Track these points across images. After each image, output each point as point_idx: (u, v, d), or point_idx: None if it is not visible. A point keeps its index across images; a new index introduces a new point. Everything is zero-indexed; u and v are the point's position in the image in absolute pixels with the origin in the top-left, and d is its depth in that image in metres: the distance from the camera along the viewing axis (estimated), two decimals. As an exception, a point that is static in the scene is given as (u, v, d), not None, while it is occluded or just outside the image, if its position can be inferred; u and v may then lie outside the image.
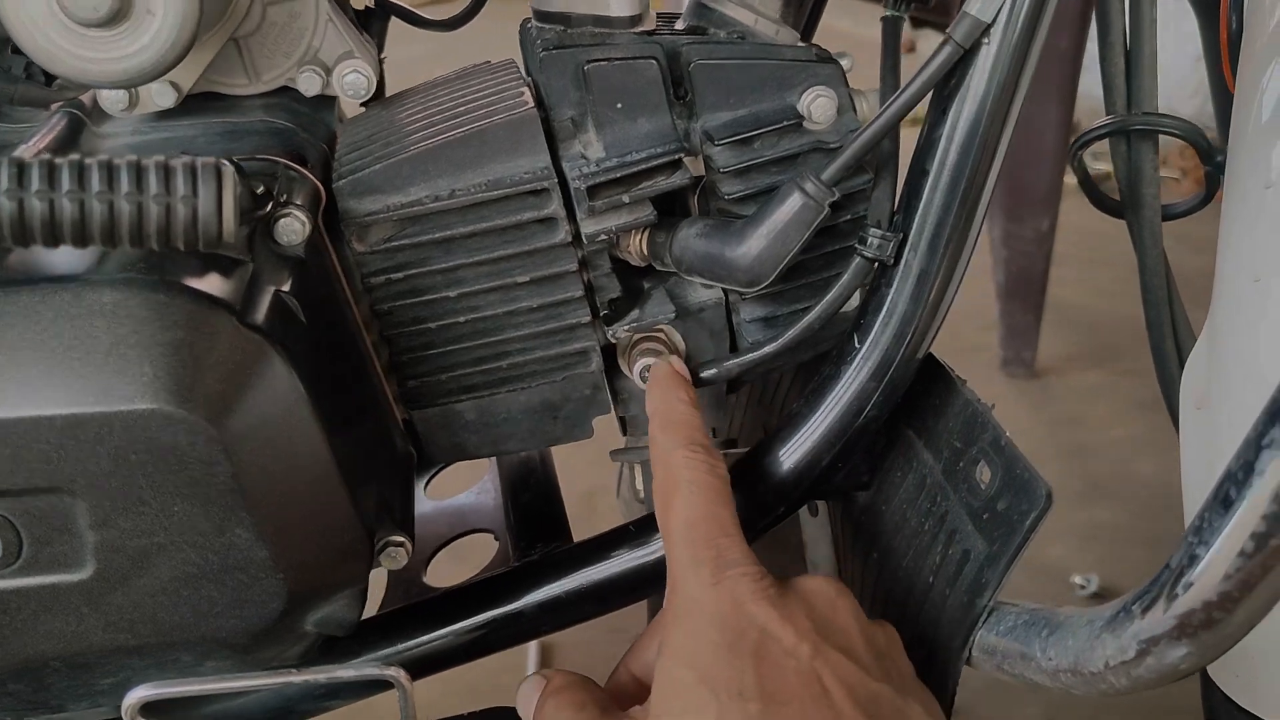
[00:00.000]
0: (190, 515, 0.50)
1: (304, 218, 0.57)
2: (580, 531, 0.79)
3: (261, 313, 0.52)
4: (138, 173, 0.43)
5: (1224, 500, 0.42)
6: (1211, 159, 0.77)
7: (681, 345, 0.69)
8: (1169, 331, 0.82)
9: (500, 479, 0.82)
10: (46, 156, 0.43)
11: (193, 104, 0.68)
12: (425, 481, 0.87)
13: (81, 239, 0.43)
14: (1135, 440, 2.02)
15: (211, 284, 0.51)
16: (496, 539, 0.79)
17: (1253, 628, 0.43)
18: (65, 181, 0.42)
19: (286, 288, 0.55)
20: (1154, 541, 1.75)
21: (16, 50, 0.76)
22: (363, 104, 0.70)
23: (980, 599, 0.55)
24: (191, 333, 0.49)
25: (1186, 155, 2.91)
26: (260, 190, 0.56)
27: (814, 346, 0.68)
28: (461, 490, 0.87)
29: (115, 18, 0.52)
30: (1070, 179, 2.46)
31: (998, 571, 0.55)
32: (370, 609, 0.71)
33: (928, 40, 3.24)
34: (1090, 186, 0.82)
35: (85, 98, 0.67)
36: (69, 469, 0.49)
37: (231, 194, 0.45)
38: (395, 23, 0.82)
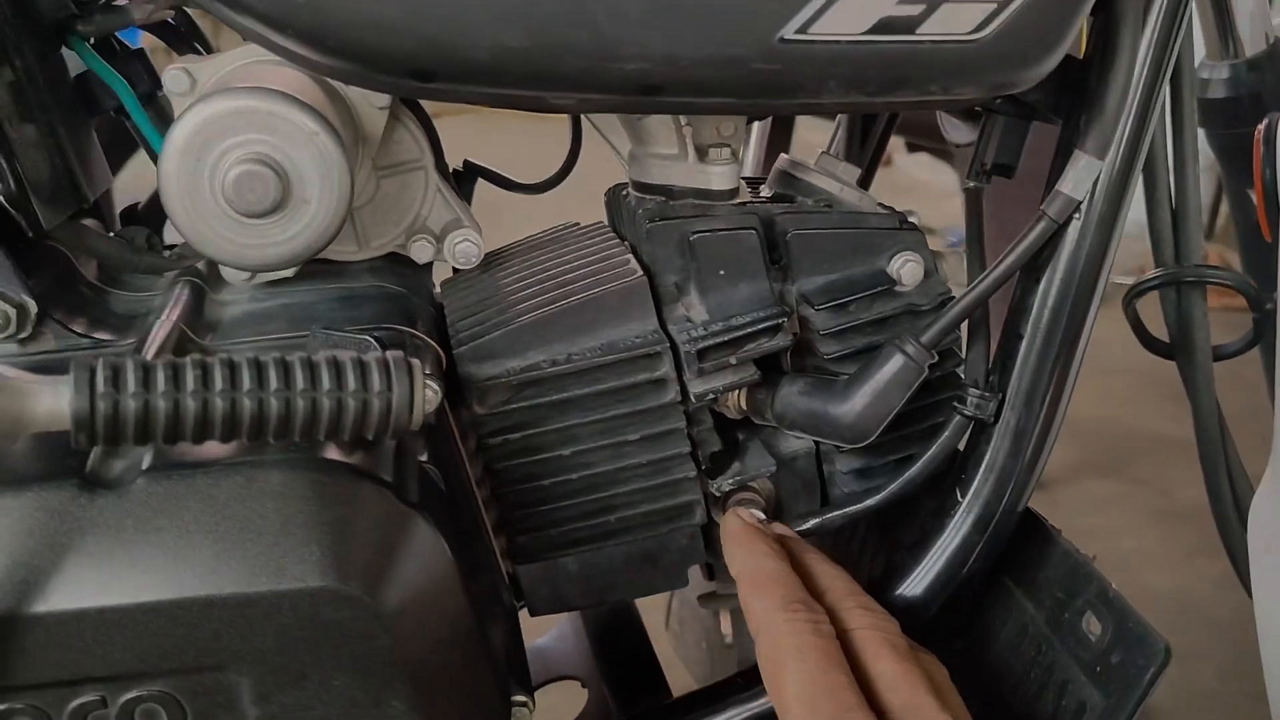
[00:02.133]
0: (349, 689, 0.52)
1: (436, 386, 0.59)
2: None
3: (413, 486, 0.54)
4: (336, 369, 0.46)
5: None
6: (1260, 306, 0.82)
7: (773, 494, 0.71)
8: (1224, 473, 0.85)
9: (584, 625, 0.84)
10: (231, 358, 0.45)
11: (304, 268, 0.70)
12: (502, 625, 0.88)
13: (284, 433, 0.46)
14: (1148, 552, 2.05)
15: (367, 461, 0.53)
16: (584, 686, 0.80)
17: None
18: (273, 380, 0.44)
19: (424, 457, 0.58)
20: (1177, 656, 1.76)
21: (134, 219, 0.79)
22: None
23: (1102, 750, 0.57)
24: (353, 510, 0.51)
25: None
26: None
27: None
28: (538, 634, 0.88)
29: (275, 208, 0.55)
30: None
31: (1120, 723, 0.56)
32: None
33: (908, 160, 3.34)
34: (1143, 332, 0.86)
35: (201, 264, 0.70)
36: (236, 647, 0.50)
37: (421, 385, 0.48)
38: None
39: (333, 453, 0.52)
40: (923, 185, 3.77)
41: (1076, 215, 0.61)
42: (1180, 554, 1.99)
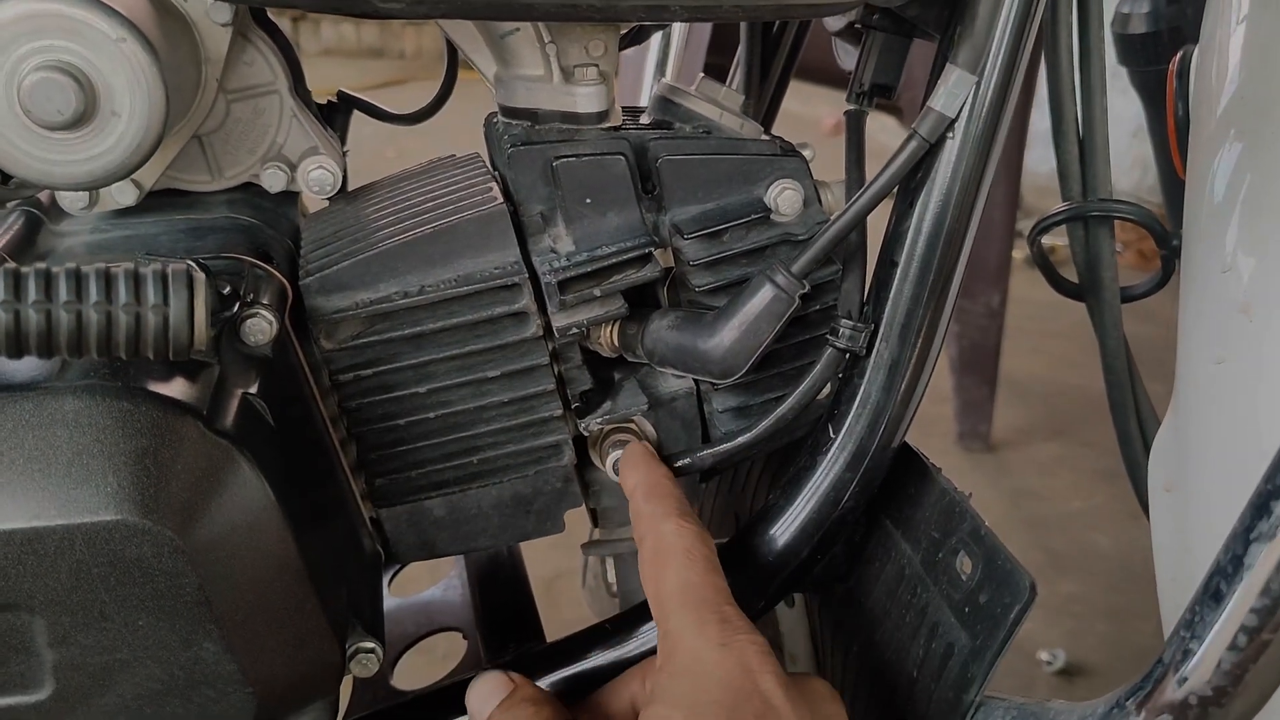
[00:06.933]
0: (155, 629, 0.48)
1: (271, 317, 0.56)
2: (543, 620, 0.77)
3: (229, 417, 0.51)
4: (106, 281, 0.42)
5: (1214, 594, 0.41)
6: (1167, 243, 0.79)
7: (653, 435, 0.68)
8: (1132, 412, 0.83)
9: (468, 574, 0.81)
10: (10, 266, 0.42)
11: (154, 201, 0.67)
12: (389, 578, 0.85)
13: (48, 349, 0.42)
14: (1094, 512, 2.04)
15: (177, 389, 0.50)
16: (465, 637, 0.77)
17: (1247, 721, 0.43)
18: (31, 291, 0.41)
19: (254, 389, 0.54)
20: (1117, 614, 1.76)
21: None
22: (327, 198, 0.70)
23: (966, 694, 0.54)
24: (157, 440, 0.47)
25: (1126, 229, 2.99)
26: (227, 290, 0.55)
27: (787, 435, 0.68)
28: (426, 586, 0.85)
29: (80, 120, 0.51)
30: (1018, 253, 2.51)
31: (983, 666, 0.54)
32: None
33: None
34: (1049, 270, 0.84)
35: (43, 196, 0.66)
36: (27, 585, 0.47)
37: (203, 300, 0.44)
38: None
39: (141, 380, 0.49)
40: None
41: (950, 135, 0.58)
42: (1126, 514, 1.97)
